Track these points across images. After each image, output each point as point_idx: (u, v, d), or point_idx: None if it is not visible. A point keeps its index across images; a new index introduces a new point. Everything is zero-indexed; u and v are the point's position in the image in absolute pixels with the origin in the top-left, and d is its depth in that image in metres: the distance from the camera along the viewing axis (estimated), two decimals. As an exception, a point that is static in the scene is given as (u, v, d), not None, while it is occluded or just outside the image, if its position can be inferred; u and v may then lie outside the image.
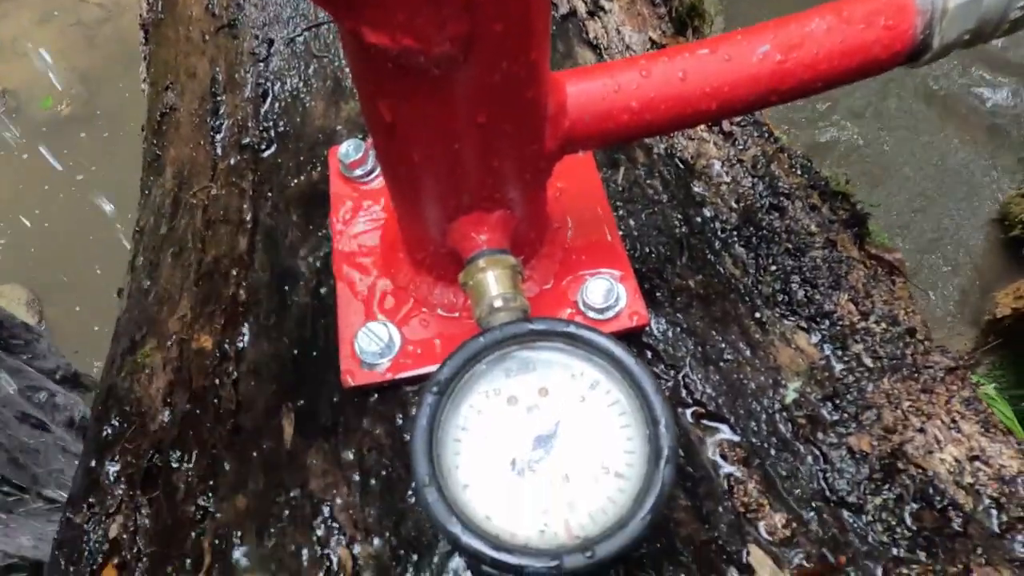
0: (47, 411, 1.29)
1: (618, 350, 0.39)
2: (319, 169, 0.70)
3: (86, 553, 0.54)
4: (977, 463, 0.54)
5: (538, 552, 0.34)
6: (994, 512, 0.50)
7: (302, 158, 0.72)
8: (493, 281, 0.44)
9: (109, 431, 0.61)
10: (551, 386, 0.41)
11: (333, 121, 0.74)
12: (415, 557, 0.48)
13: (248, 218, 0.70)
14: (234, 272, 0.67)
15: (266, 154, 0.75)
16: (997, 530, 0.49)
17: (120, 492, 0.57)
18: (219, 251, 0.69)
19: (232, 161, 0.76)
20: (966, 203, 2.09)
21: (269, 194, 0.71)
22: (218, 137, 0.79)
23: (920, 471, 0.53)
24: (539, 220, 0.53)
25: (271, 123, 0.76)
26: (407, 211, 0.49)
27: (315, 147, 0.72)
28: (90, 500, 0.57)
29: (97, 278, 2.16)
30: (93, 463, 0.60)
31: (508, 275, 0.44)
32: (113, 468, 0.58)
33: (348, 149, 0.63)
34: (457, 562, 0.47)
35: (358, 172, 0.63)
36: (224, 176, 0.75)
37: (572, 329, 0.40)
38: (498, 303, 0.43)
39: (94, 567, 0.54)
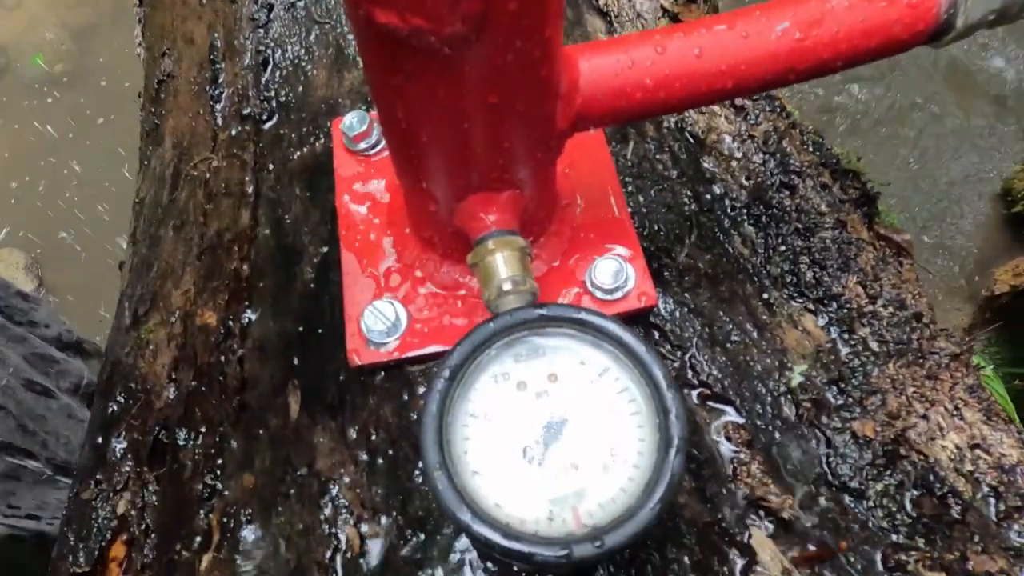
0: (52, 378, 1.29)
1: (629, 338, 0.39)
2: (322, 141, 0.69)
3: (95, 529, 0.55)
4: (978, 451, 0.54)
5: (547, 541, 0.35)
6: (992, 501, 0.51)
7: (304, 130, 0.71)
8: (502, 263, 0.43)
9: (114, 407, 0.61)
10: (560, 372, 0.41)
11: (336, 91, 0.72)
12: (422, 536, 0.48)
13: (250, 191, 0.69)
14: (237, 247, 0.66)
15: (267, 125, 0.73)
16: (995, 518, 0.50)
17: (127, 469, 0.57)
18: (221, 225, 0.68)
19: (233, 132, 0.74)
20: (969, 177, 2.06)
21: (271, 167, 0.70)
22: (218, 107, 0.77)
23: (922, 458, 0.53)
24: (548, 199, 0.52)
25: (272, 93, 0.75)
26: (414, 190, 0.48)
27: (317, 118, 0.71)
28: (97, 476, 0.57)
29: (96, 240, 2.14)
30: (99, 439, 0.60)
31: (517, 257, 0.44)
32: (120, 445, 0.58)
33: (352, 121, 0.61)
34: (464, 542, 0.47)
35: (362, 145, 0.62)
36: (225, 147, 0.74)
37: (583, 315, 0.40)
38: (507, 286, 0.43)
39: (103, 543, 0.54)
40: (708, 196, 0.64)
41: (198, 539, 0.52)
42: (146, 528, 0.54)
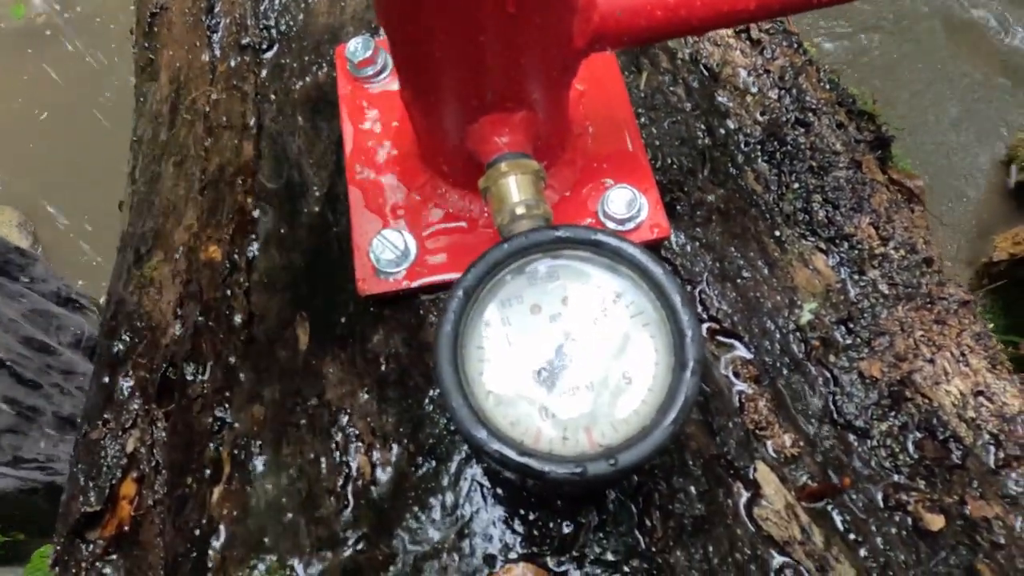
0: (51, 334, 1.29)
1: (647, 260, 0.38)
2: (325, 70, 0.67)
3: (104, 468, 0.55)
4: (981, 398, 0.54)
5: (562, 459, 0.35)
6: (992, 448, 0.51)
7: (307, 59, 0.68)
8: (515, 186, 0.42)
9: (120, 346, 0.60)
10: (574, 295, 0.40)
11: (338, 18, 0.70)
12: (433, 463, 0.49)
13: (252, 123, 0.67)
14: (240, 180, 0.64)
15: (268, 55, 0.71)
16: (993, 466, 0.50)
17: (136, 407, 0.57)
18: (223, 158, 0.67)
19: (232, 63, 0.72)
20: (974, 142, 2.03)
21: (272, 97, 0.68)
22: (215, 37, 0.74)
23: (926, 401, 0.53)
24: (561, 123, 0.50)
25: (272, 21, 0.72)
26: (424, 112, 0.46)
27: (320, 46, 0.68)
28: (105, 416, 0.57)
29: (89, 194, 2.10)
30: (106, 379, 0.59)
31: (530, 180, 0.43)
32: (127, 383, 0.58)
33: (356, 47, 0.59)
34: (475, 469, 0.47)
35: (368, 71, 0.60)
36: (224, 79, 0.72)
37: (599, 237, 0.39)
38: (520, 210, 0.42)
39: (113, 482, 0.54)
40: (722, 130, 0.62)
41: (209, 472, 0.52)
42: (156, 464, 0.54)
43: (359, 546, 0.47)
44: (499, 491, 0.46)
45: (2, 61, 2.35)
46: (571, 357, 0.38)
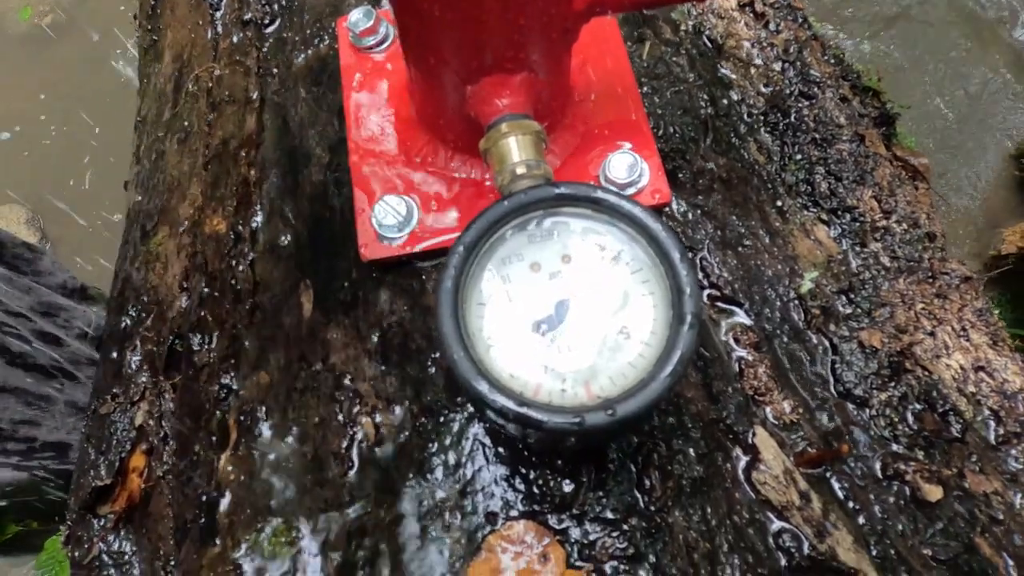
0: (59, 326, 1.30)
1: (646, 217, 0.39)
2: (327, 42, 0.67)
3: (114, 442, 0.55)
4: (982, 374, 0.54)
5: (561, 409, 0.35)
6: (992, 424, 0.51)
7: (308, 32, 0.69)
8: (515, 146, 0.43)
9: (127, 321, 0.61)
10: (574, 253, 0.41)
11: (340, -10, 0.70)
12: (436, 423, 0.49)
13: (255, 96, 0.68)
14: (243, 153, 0.65)
15: (270, 29, 0.71)
16: (993, 441, 0.50)
17: (143, 380, 0.57)
18: (226, 132, 0.67)
19: (235, 39, 0.72)
20: (985, 135, 2.02)
21: (275, 71, 0.68)
22: (218, 15, 0.75)
23: (926, 373, 0.53)
24: (562, 88, 0.50)
25: (274, -5, 0.72)
26: (426, 74, 0.47)
27: (322, 19, 0.69)
28: (114, 391, 0.58)
29: (94, 190, 2.11)
30: (115, 354, 0.60)
31: (531, 141, 0.43)
32: (135, 357, 0.59)
33: (358, 17, 0.60)
34: (477, 428, 0.48)
35: (369, 41, 0.60)
36: (227, 55, 0.72)
37: (599, 194, 0.39)
38: (521, 170, 0.42)
39: (123, 455, 0.55)
40: (725, 101, 0.62)
41: (216, 439, 0.53)
42: (164, 436, 0.55)
43: (364, 506, 0.48)
44: (501, 450, 0.47)
45: (8, 61, 2.36)
46: (570, 313, 0.39)
